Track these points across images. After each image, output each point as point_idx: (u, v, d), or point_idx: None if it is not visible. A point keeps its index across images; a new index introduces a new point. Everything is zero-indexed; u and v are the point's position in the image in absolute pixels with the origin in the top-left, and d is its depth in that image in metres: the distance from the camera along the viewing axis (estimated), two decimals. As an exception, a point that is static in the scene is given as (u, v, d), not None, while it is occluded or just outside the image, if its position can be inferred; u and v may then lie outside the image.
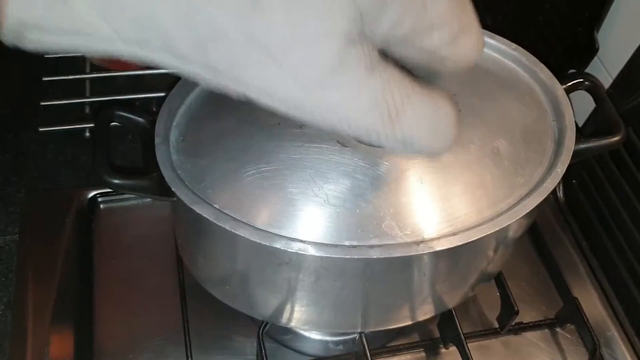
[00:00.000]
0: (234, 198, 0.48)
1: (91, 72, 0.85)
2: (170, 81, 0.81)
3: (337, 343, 0.65)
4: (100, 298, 0.65)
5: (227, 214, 0.47)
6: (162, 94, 0.77)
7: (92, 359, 0.61)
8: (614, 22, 0.70)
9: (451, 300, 0.58)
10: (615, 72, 0.71)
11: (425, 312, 0.58)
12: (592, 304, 0.70)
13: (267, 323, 0.59)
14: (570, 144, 0.53)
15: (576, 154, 0.55)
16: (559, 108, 0.55)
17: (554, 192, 0.81)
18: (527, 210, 0.49)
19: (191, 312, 0.62)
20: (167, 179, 0.48)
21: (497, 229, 0.48)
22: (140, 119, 0.56)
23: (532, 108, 0.56)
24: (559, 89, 0.56)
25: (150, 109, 0.81)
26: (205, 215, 0.46)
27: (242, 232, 0.46)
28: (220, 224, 0.46)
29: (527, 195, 0.50)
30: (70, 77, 0.84)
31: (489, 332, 0.66)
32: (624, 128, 0.59)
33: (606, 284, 0.73)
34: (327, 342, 0.65)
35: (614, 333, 0.68)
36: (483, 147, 0.51)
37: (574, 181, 0.80)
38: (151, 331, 0.62)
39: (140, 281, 0.66)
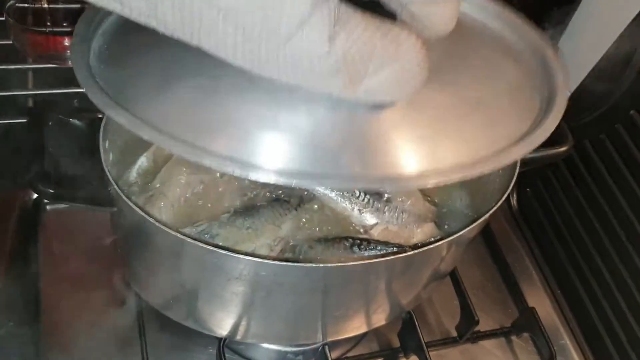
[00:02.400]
0: (165, 113, 0.38)
1: (34, 63, 0.80)
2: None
3: (296, 353, 0.63)
4: (47, 309, 0.61)
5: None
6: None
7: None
8: (574, 37, 0.72)
9: (406, 303, 0.58)
10: (573, 86, 0.72)
11: (382, 317, 0.57)
12: (546, 312, 0.72)
13: (227, 336, 0.57)
14: (561, 104, 0.46)
15: (525, 162, 0.56)
16: (549, 69, 0.51)
17: (507, 200, 0.83)
18: (511, 160, 0.41)
19: (148, 323, 0.59)
20: (82, 83, 0.39)
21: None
22: (79, 122, 0.53)
23: (520, 65, 0.51)
24: (549, 48, 0.52)
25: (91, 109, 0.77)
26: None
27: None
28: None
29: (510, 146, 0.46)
30: (12, 66, 0.79)
31: (448, 341, 0.66)
32: (571, 139, 0.60)
33: (558, 292, 0.74)
34: (286, 352, 0.63)
35: (566, 341, 0.70)
36: (466, 93, 0.43)
37: (528, 189, 0.81)
38: (104, 344, 0.59)
39: (92, 290, 0.63)
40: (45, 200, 0.69)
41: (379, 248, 0.54)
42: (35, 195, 0.69)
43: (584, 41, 0.71)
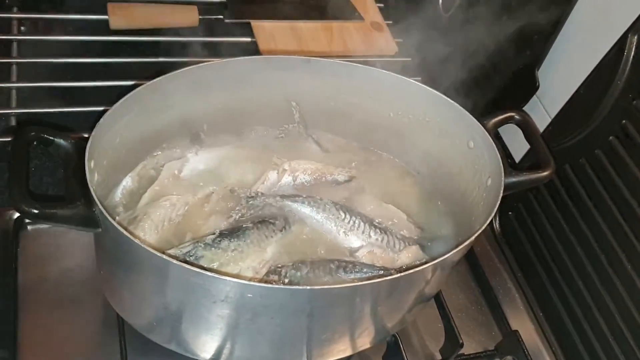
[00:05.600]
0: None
1: (18, 82, 0.80)
2: (101, 93, 0.77)
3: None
4: (26, 331, 0.60)
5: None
6: (92, 108, 0.74)
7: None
8: (555, 63, 0.73)
9: (391, 326, 0.58)
10: (554, 112, 0.73)
11: (367, 340, 0.57)
12: (529, 335, 0.72)
13: (211, 358, 0.57)
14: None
15: (508, 187, 0.57)
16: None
17: (490, 223, 0.83)
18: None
19: (130, 346, 0.58)
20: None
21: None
22: (63, 142, 0.52)
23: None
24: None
25: (75, 127, 0.76)
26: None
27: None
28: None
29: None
30: (-5, 85, 0.78)
31: (432, 365, 0.66)
32: (553, 164, 0.61)
33: (541, 314, 0.75)
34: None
35: (549, 364, 0.71)
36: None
37: (510, 213, 0.82)
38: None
39: (72, 313, 0.62)
40: (27, 220, 0.68)
41: (364, 271, 0.55)
42: (16, 215, 0.68)
43: (565, 68, 0.72)
